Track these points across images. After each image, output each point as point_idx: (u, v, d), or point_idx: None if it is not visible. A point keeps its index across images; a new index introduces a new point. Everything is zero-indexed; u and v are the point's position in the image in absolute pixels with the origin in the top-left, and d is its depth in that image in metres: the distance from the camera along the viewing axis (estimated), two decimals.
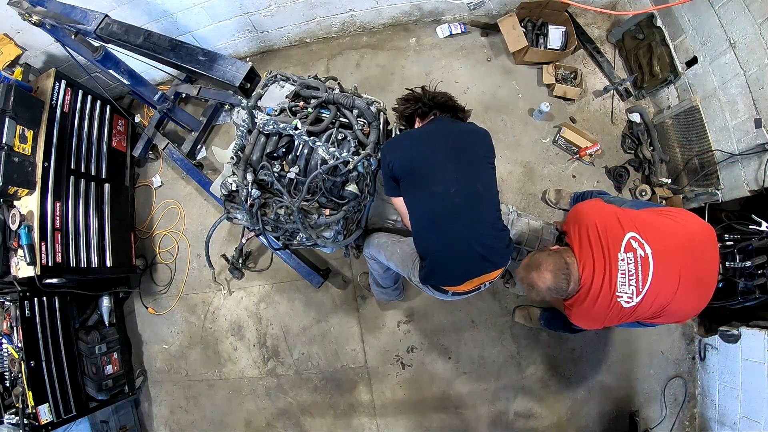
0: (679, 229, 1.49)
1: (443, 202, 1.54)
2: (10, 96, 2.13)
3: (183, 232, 2.95)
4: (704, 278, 1.48)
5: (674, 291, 1.44)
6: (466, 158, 1.58)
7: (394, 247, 1.85)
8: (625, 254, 1.44)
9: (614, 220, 1.50)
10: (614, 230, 1.47)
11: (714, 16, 2.12)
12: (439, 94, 1.73)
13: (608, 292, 1.45)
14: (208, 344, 2.83)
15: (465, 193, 1.53)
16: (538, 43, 2.78)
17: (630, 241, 1.44)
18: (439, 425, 2.55)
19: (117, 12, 2.42)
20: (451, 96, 1.75)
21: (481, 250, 1.55)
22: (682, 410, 2.47)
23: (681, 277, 1.43)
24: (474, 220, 1.54)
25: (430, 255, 1.61)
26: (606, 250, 1.46)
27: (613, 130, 2.73)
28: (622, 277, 1.43)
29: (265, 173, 1.76)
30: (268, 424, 2.72)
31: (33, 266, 2.12)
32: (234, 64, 1.62)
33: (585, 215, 1.55)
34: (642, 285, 1.42)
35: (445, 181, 1.53)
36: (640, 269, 1.42)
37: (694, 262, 1.46)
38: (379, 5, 2.81)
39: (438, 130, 1.67)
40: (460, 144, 1.61)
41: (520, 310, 2.51)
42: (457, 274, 1.59)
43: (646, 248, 1.43)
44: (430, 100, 1.70)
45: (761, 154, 1.99)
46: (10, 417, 2.15)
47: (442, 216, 1.54)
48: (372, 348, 2.64)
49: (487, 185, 1.61)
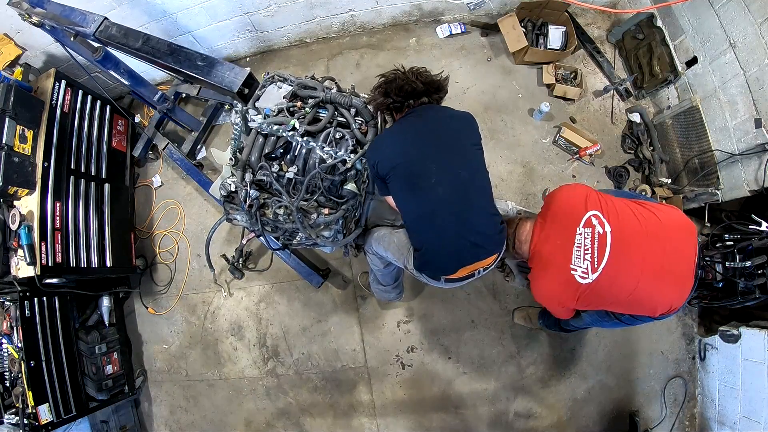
0: (651, 217, 1.49)
1: (427, 197, 1.51)
2: (10, 96, 2.13)
3: (183, 232, 2.95)
4: (675, 271, 1.46)
5: (637, 276, 1.43)
6: (447, 147, 1.54)
7: (391, 237, 1.85)
8: (583, 229, 1.47)
9: (581, 199, 1.53)
10: (577, 207, 1.52)
11: (714, 16, 2.12)
12: (407, 81, 1.57)
13: (561, 260, 1.49)
14: (208, 344, 2.83)
15: (449, 183, 1.50)
16: (538, 43, 2.78)
17: (591, 218, 1.48)
18: (439, 425, 2.55)
19: (117, 12, 2.41)
20: (422, 74, 1.60)
21: (473, 238, 1.54)
22: (682, 410, 2.47)
23: (645, 263, 1.43)
24: (462, 209, 1.53)
25: (423, 248, 1.62)
26: (565, 223, 1.52)
27: (613, 130, 2.73)
28: (578, 250, 1.47)
29: (263, 174, 1.76)
30: (268, 424, 2.72)
31: (33, 266, 2.12)
32: (232, 70, 1.62)
33: (557, 192, 1.63)
34: (598, 262, 1.44)
35: (428, 175, 1.50)
36: (596, 246, 1.44)
37: (663, 252, 1.44)
38: (379, 5, 2.81)
39: (415, 123, 1.60)
40: (439, 133, 1.56)
41: (520, 311, 2.51)
42: (451, 265, 1.59)
43: (606, 227, 1.46)
44: (397, 94, 1.58)
45: (761, 154, 1.99)
46: (10, 417, 2.15)
47: (429, 210, 1.53)
48: (372, 348, 2.64)
49: (473, 169, 1.57)
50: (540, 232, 1.59)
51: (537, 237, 1.59)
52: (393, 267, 2.09)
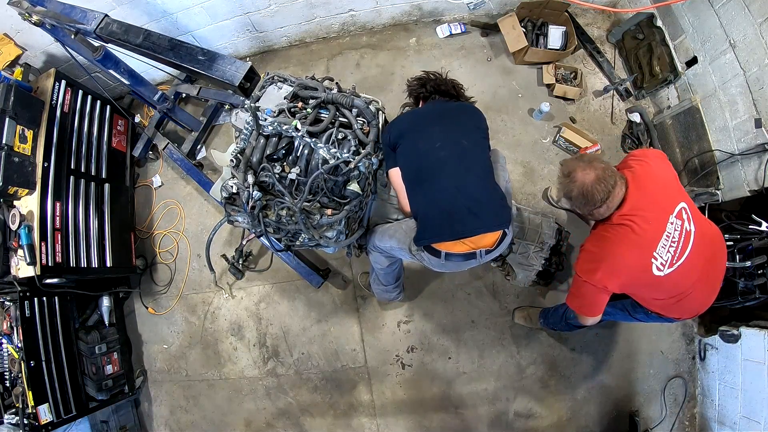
0: (705, 224, 1.48)
1: (428, 157, 1.63)
2: (10, 96, 2.13)
3: (183, 232, 2.95)
4: (716, 279, 1.46)
5: (694, 281, 1.40)
6: (452, 121, 1.72)
7: (397, 226, 1.88)
8: (675, 219, 1.37)
9: (676, 183, 1.44)
10: (672, 192, 1.41)
11: (714, 16, 2.12)
12: (444, 83, 1.85)
13: (649, 242, 1.35)
14: (208, 344, 2.83)
15: (450, 147, 1.63)
16: (538, 43, 2.78)
17: (682, 211, 1.39)
18: (439, 425, 2.55)
19: (117, 12, 2.41)
20: (456, 85, 1.88)
21: (469, 203, 1.56)
22: (682, 410, 2.47)
23: (703, 269, 1.40)
24: (460, 171, 1.60)
25: (421, 212, 1.65)
26: (661, 203, 1.38)
27: (613, 130, 2.74)
28: (666, 240, 1.35)
29: (265, 175, 1.76)
30: (268, 424, 2.72)
31: (33, 266, 2.12)
32: (233, 64, 1.61)
33: (652, 162, 1.45)
34: (678, 257, 1.35)
35: (432, 140, 1.64)
36: (682, 240, 1.36)
37: (713, 259, 1.44)
38: (379, 5, 2.81)
39: (430, 107, 1.84)
40: (448, 112, 1.77)
41: (520, 311, 2.51)
42: (446, 229, 1.59)
43: (692, 224, 1.39)
44: (432, 86, 1.84)
45: (761, 154, 1.99)
46: (10, 417, 2.15)
47: (429, 169, 1.62)
48: (372, 348, 2.64)
49: (474, 143, 1.68)
50: (635, 200, 1.38)
51: (631, 204, 1.38)
52: (395, 266, 2.09)
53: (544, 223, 2.34)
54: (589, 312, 1.52)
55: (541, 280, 2.45)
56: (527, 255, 2.33)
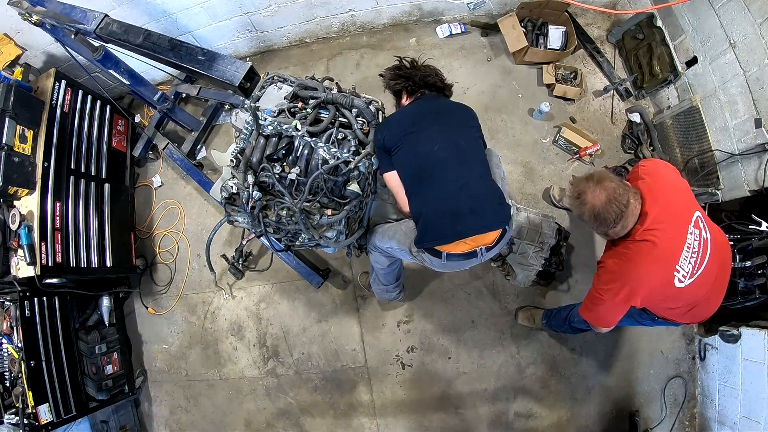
0: (714, 228, 1.47)
1: (428, 159, 1.60)
2: (10, 96, 2.13)
3: (183, 232, 2.95)
4: (723, 285, 1.45)
5: (709, 289, 1.39)
6: (448, 122, 1.69)
7: (396, 227, 1.87)
8: (693, 229, 1.34)
9: (689, 192, 1.41)
10: (687, 202, 1.38)
11: (714, 16, 2.12)
12: (429, 74, 1.80)
13: (670, 255, 1.32)
14: (208, 344, 2.83)
15: (449, 149, 1.61)
16: (538, 43, 2.78)
17: (698, 219, 1.37)
18: (439, 425, 2.55)
19: (117, 12, 2.42)
20: (438, 72, 1.83)
21: (471, 203, 1.55)
22: (682, 410, 2.47)
23: (716, 277, 1.38)
24: (461, 172, 1.59)
25: (422, 214, 1.62)
26: (679, 217, 1.35)
27: (613, 130, 2.73)
28: (687, 251, 1.32)
29: (265, 175, 1.76)
30: (268, 424, 2.72)
31: (33, 266, 2.12)
32: (233, 64, 1.62)
33: (663, 172, 1.43)
34: (698, 267, 1.33)
35: (430, 142, 1.61)
36: (701, 250, 1.33)
37: (723, 265, 1.43)
38: (379, 5, 2.81)
39: (422, 105, 1.78)
40: (443, 112, 1.74)
41: (523, 312, 2.51)
42: (447, 230, 1.57)
43: (707, 232, 1.37)
44: (420, 80, 1.78)
45: (761, 154, 1.99)
46: (10, 417, 2.14)
47: (429, 171, 1.60)
48: (372, 348, 2.64)
49: (471, 142, 1.68)
50: (655, 214, 1.34)
51: (652, 218, 1.34)
52: (395, 265, 2.09)
53: (544, 223, 2.35)
54: (605, 324, 1.52)
55: (541, 280, 2.46)
56: (527, 255, 2.33)
